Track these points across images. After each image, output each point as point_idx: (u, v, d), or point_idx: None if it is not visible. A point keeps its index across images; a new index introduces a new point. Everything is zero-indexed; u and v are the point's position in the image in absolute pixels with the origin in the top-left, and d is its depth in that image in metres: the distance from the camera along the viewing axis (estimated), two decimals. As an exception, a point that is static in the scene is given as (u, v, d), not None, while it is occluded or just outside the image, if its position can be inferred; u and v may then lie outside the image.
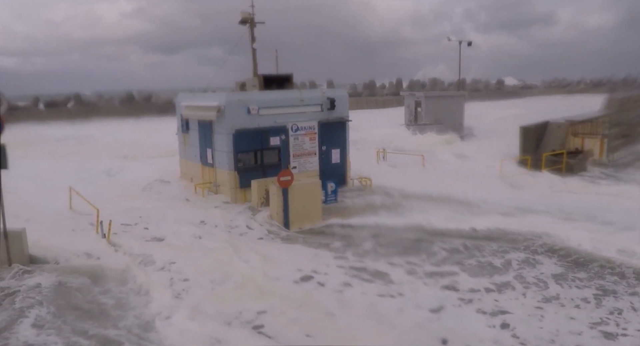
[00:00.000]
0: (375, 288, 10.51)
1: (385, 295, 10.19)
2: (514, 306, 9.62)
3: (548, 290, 10.30)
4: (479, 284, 10.65)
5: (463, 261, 12.07)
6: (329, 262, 11.99)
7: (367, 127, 37.68)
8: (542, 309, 9.45)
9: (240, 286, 10.52)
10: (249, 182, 16.79)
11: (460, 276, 11.12)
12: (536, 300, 9.84)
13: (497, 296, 10.06)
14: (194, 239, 13.80)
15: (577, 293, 10.17)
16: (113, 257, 12.31)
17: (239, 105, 17.14)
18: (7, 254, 11.76)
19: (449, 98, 38.46)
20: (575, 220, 14.77)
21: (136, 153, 29.67)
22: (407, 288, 10.50)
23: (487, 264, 11.87)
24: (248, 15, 19.27)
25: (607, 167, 23.80)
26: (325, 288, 10.53)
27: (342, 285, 10.65)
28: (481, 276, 11.11)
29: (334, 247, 13.08)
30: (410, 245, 13.18)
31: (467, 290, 10.39)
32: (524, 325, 8.84)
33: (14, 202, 16.80)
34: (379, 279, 11.00)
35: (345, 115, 19.12)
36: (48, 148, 32.77)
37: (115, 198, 18.27)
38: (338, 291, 10.34)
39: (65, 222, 15.47)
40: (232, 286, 10.53)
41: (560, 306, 9.58)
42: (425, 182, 20.05)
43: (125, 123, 54.56)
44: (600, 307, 9.54)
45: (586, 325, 8.85)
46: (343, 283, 10.76)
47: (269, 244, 13.51)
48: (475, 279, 10.95)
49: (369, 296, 10.12)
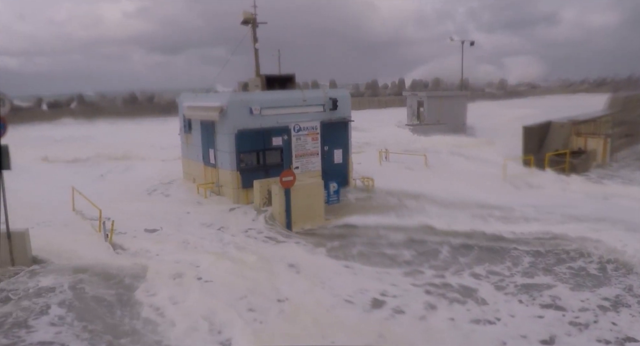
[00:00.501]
0: (466, 312, 8.92)
1: (480, 321, 8.61)
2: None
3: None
4: (587, 301, 9.17)
5: (552, 268, 10.78)
6: (398, 280, 10.35)
7: (369, 128, 37.53)
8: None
9: (291, 318, 8.70)
10: (251, 182, 16.80)
11: (560, 290, 9.69)
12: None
13: (615, 318, 8.58)
14: (217, 249, 12.74)
15: None
16: (117, 259, 12.26)
17: (242, 106, 17.14)
18: (10, 255, 11.80)
19: (451, 98, 38.42)
20: (611, 224, 13.67)
21: (138, 155, 29.65)
22: (502, 309, 8.98)
23: (584, 272, 10.52)
24: (250, 16, 19.27)
25: (611, 167, 23.72)
26: (404, 316, 8.79)
27: (424, 309, 9.00)
28: (584, 289, 9.74)
29: (404, 258, 11.77)
30: (482, 252, 12.02)
31: (575, 309, 8.89)
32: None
33: (17, 202, 16.97)
34: (467, 297, 9.49)
35: (347, 116, 19.10)
36: (49, 149, 32.77)
37: (123, 201, 18.12)
38: (421, 319, 8.72)
39: (68, 223, 15.52)
40: (279, 318, 8.72)
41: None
42: (431, 183, 19.94)
43: (128, 124, 54.74)
44: None
45: None
46: (425, 305, 9.12)
47: (308, 256, 12.04)
48: (579, 294, 9.50)
49: (461, 323, 8.52)
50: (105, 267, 11.49)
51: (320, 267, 11.32)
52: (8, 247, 11.76)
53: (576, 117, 27.22)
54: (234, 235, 14.06)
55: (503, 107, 61.57)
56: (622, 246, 11.81)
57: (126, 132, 45.23)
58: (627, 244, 11.87)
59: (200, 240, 13.57)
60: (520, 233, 13.28)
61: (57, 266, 11.64)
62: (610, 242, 12.11)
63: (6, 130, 12.06)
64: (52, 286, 10.38)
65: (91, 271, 11.22)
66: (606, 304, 9.09)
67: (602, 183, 20.45)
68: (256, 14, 19.37)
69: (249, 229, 14.54)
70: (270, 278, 10.51)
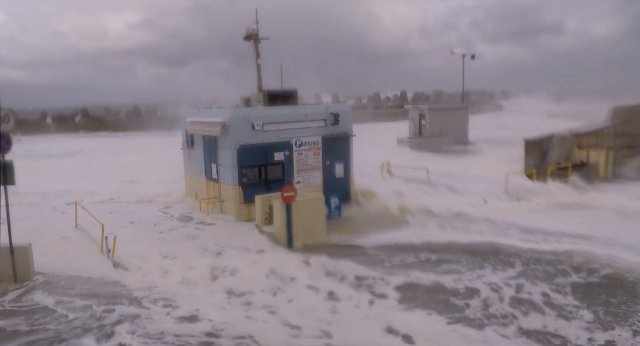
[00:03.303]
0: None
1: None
2: None
3: None
4: None
5: None
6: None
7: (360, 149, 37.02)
8: None
9: None
10: (253, 197, 16.85)
11: None
12: None
13: None
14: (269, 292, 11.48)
15: None
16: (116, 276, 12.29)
17: (244, 121, 17.26)
18: (13, 269, 11.84)
19: (453, 111, 38.54)
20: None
21: (141, 170, 29.67)
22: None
23: None
24: (252, 32, 19.44)
25: (614, 179, 23.66)
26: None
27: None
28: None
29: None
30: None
31: None
32: None
33: (20, 218, 17.07)
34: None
35: (349, 130, 19.19)
36: (52, 165, 32.81)
37: (134, 222, 18.03)
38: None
39: (71, 239, 15.57)
40: None
41: None
42: (433, 197, 19.95)
43: (131, 137, 55.08)
44: None
45: None
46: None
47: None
48: None
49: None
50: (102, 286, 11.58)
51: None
52: (11, 262, 11.81)
53: (578, 129, 27.23)
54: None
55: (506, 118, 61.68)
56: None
57: (129, 146, 45.42)
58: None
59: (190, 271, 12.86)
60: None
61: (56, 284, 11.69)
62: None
63: (11, 146, 12.19)
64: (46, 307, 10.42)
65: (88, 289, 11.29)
66: None
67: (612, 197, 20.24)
68: (258, 29, 19.56)
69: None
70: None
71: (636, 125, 31.45)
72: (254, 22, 19.48)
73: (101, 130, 67.02)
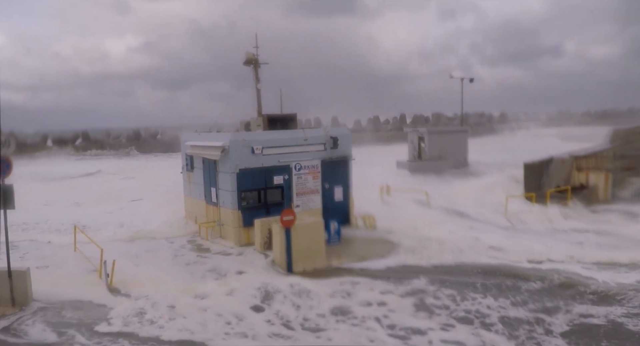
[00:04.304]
0: None
1: None
2: None
3: None
4: None
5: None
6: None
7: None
8: None
9: None
10: (252, 221, 16.81)
11: None
12: None
13: None
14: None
15: None
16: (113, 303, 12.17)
17: (243, 145, 17.33)
18: (11, 294, 11.75)
19: (452, 134, 38.71)
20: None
21: (140, 195, 29.64)
22: None
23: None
24: (252, 57, 19.64)
25: (613, 202, 23.64)
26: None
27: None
28: None
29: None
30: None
31: None
32: None
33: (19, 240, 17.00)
34: None
35: (348, 153, 19.25)
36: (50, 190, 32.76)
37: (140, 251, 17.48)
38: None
39: (69, 263, 15.50)
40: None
41: None
42: (434, 223, 19.83)
43: (131, 161, 55.24)
44: None
45: None
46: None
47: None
48: None
49: None
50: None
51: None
52: (9, 286, 11.73)
53: (577, 151, 27.32)
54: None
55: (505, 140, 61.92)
56: None
57: (129, 170, 45.49)
58: None
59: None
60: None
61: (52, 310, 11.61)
62: None
63: (11, 170, 12.22)
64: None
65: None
66: None
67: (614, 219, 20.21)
68: (258, 54, 19.77)
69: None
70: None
71: (635, 147, 31.61)
72: (254, 47, 19.73)
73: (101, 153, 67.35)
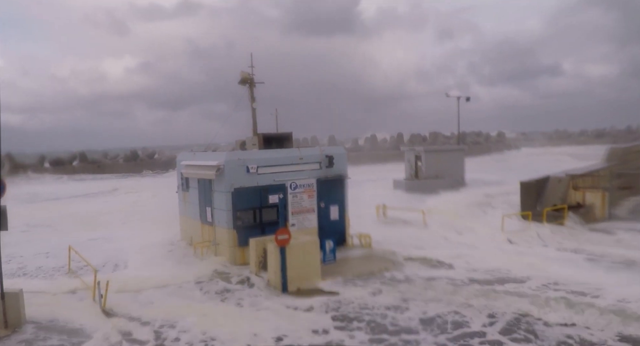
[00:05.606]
0: None
1: None
2: None
3: None
4: None
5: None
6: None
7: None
8: None
9: None
10: (247, 240, 16.65)
11: None
12: None
13: None
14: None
15: None
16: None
17: (239, 164, 17.30)
18: (4, 316, 11.61)
19: (449, 153, 38.77)
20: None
21: (135, 217, 29.44)
22: None
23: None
24: (247, 76, 19.75)
25: (610, 220, 23.58)
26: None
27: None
28: None
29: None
30: None
31: None
32: None
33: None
34: None
35: (344, 172, 19.22)
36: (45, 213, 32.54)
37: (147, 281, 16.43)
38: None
39: (64, 284, 15.34)
40: None
41: None
42: (430, 243, 19.65)
43: (128, 181, 55.22)
44: None
45: None
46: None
47: None
48: None
49: None
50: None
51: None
52: (2, 308, 11.58)
53: (574, 170, 27.35)
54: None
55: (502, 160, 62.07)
56: None
57: (124, 192, 45.38)
58: None
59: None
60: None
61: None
62: None
63: (5, 191, 12.16)
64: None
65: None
66: None
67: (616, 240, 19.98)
68: (253, 74, 19.89)
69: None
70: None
71: (632, 166, 31.68)
72: (250, 66, 19.86)
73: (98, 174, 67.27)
